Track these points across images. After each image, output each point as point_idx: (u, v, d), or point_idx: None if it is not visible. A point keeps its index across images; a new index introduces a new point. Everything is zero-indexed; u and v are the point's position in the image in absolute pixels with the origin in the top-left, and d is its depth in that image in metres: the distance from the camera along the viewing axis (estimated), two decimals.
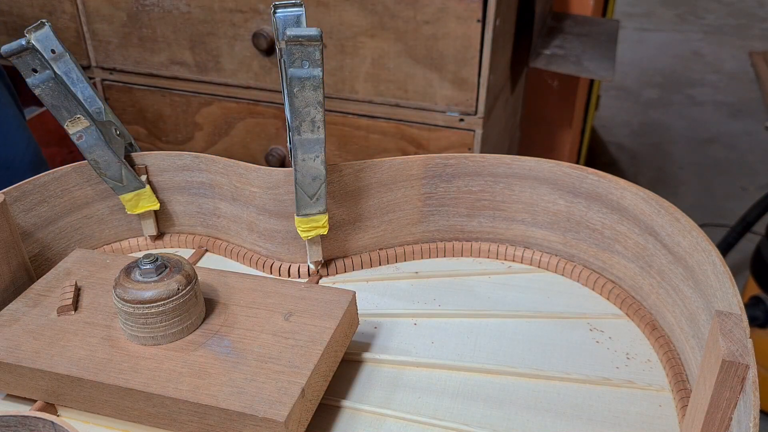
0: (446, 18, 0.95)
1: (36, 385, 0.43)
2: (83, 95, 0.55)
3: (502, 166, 0.56)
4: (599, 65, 1.12)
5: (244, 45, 1.07)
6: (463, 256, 0.59)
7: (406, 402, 0.45)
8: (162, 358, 0.43)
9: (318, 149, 0.49)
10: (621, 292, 0.53)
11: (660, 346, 0.48)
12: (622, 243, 0.53)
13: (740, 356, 0.33)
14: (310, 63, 0.46)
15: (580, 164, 0.62)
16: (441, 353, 0.49)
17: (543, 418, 0.44)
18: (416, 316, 0.53)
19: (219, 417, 0.39)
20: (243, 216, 0.58)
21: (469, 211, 0.58)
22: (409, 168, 0.56)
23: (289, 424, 0.39)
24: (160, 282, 0.43)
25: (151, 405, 0.41)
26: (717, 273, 0.42)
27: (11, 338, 0.45)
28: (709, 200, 2.31)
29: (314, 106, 0.47)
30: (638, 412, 0.44)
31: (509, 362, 0.48)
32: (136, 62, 1.16)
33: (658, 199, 0.49)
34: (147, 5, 1.09)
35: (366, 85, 1.04)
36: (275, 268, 0.57)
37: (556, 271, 0.57)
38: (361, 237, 0.58)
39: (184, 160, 0.58)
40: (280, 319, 0.45)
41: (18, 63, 0.49)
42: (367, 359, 0.49)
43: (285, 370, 0.41)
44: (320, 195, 0.52)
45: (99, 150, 0.54)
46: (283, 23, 0.48)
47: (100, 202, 0.59)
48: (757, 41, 3.54)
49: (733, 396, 0.33)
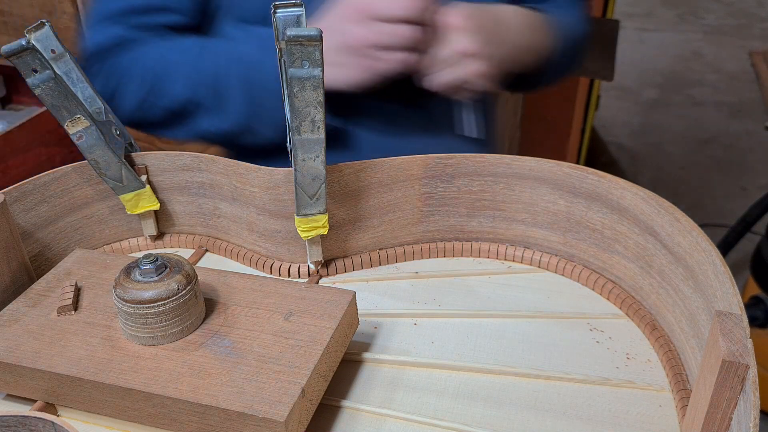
0: None
1: (36, 385, 0.43)
2: (83, 95, 0.55)
3: (502, 166, 0.56)
4: (599, 65, 1.12)
5: None
6: (463, 256, 0.59)
7: (406, 402, 0.45)
8: (162, 358, 0.43)
9: (318, 149, 0.49)
10: (621, 292, 0.53)
11: (660, 346, 0.48)
12: (622, 243, 0.53)
13: (740, 356, 0.33)
14: (310, 63, 0.46)
15: (580, 164, 0.62)
16: (441, 353, 0.49)
17: (543, 418, 0.44)
18: (416, 316, 0.53)
19: (219, 417, 0.39)
20: (243, 216, 0.58)
21: (469, 211, 0.58)
22: (409, 168, 0.56)
23: (289, 424, 0.39)
24: (160, 282, 0.43)
25: (151, 405, 0.41)
26: (717, 273, 0.42)
27: (11, 338, 0.45)
28: (709, 200, 2.31)
29: (314, 106, 0.47)
30: (638, 412, 0.44)
31: (509, 362, 0.48)
32: None
33: (658, 199, 0.49)
34: None
35: None
36: (275, 268, 0.57)
37: (556, 271, 0.57)
38: (361, 237, 0.58)
39: (184, 160, 0.58)
40: (280, 319, 0.45)
41: (18, 63, 0.49)
42: (367, 359, 0.49)
43: (285, 370, 0.41)
44: (320, 195, 0.52)
45: (99, 150, 0.54)
46: (283, 23, 0.48)
47: (100, 202, 0.59)
48: (757, 41, 3.54)
49: (733, 396, 0.33)
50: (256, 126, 0.68)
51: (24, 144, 1.16)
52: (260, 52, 0.66)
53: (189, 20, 0.71)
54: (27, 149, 1.17)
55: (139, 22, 0.69)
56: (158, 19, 0.70)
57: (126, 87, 0.69)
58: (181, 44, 0.69)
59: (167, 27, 0.70)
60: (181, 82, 0.67)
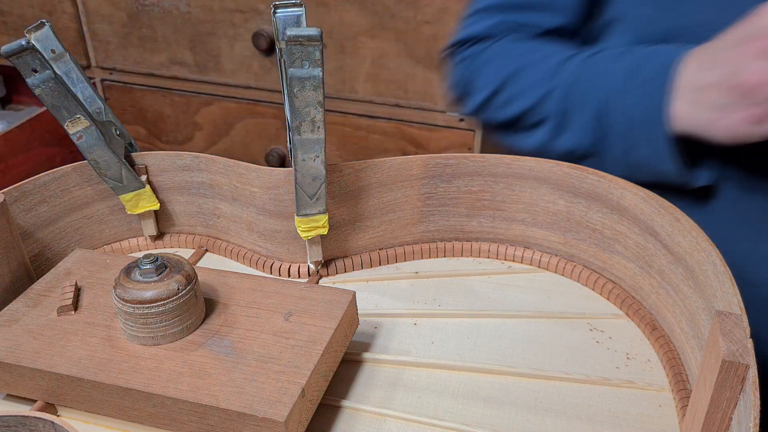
0: (446, 18, 0.95)
1: (36, 385, 0.43)
2: (83, 95, 0.55)
3: (502, 166, 0.56)
4: None
5: (244, 45, 1.07)
6: (463, 256, 0.59)
7: (406, 402, 0.45)
8: (162, 358, 0.43)
9: (318, 149, 0.49)
10: (621, 292, 0.53)
11: (660, 346, 0.48)
12: (622, 243, 0.53)
13: (740, 356, 0.33)
14: (310, 63, 0.46)
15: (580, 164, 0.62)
16: (441, 353, 0.49)
17: (543, 418, 0.44)
18: (416, 316, 0.53)
19: (219, 417, 0.39)
20: (243, 216, 0.58)
21: (469, 211, 0.58)
22: (409, 168, 0.56)
23: (289, 424, 0.39)
24: (160, 282, 0.43)
25: (151, 405, 0.41)
26: (717, 273, 0.42)
27: (11, 338, 0.45)
28: None
29: (314, 106, 0.47)
30: (638, 412, 0.44)
31: (509, 362, 0.48)
32: (136, 62, 1.16)
33: (658, 199, 0.49)
34: (147, 5, 1.09)
35: (366, 85, 1.04)
36: (275, 268, 0.57)
37: (556, 271, 0.57)
38: (361, 237, 0.58)
39: (184, 160, 0.58)
40: (280, 319, 0.45)
41: (18, 63, 0.49)
42: (367, 359, 0.49)
43: (285, 370, 0.41)
44: (320, 195, 0.52)
45: (99, 150, 0.54)
46: (283, 23, 0.48)
47: (100, 202, 0.59)
48: None
49: (733, 396, 0.33)
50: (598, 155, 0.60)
51: (24, 144, 1.16)
52: (626, 82, 0.56)
53: (569, 23, 0.66)
54: (27, 149, 1.17)
55: (514, 19, 0.66)
56: (535, 18, 0.66)
57: (477, 81, 0.66)
58: (545, 50, 0.64)
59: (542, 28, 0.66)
60: (529, 89, 0.62)
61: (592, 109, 0.58)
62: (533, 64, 0.63)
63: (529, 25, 0.66)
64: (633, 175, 0.53)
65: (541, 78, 0.62)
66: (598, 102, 0.58)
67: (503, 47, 0.65)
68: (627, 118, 0.56)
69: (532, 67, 0.63)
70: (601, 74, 0.59)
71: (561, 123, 0.61)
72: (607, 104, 0.57)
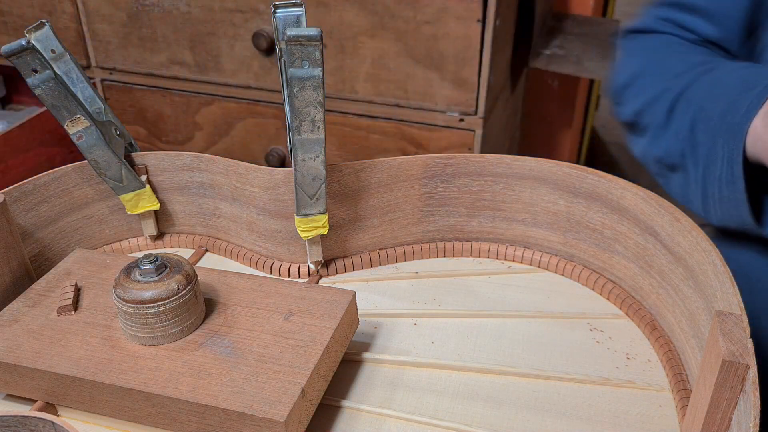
0: (446, 18, 0.95)
1: (36, 385, 0.43)
2: (83, 95, 0.55)
3: (502, 166, 0.56)
4: (599, 65, 1.12)
5: (244, 45, 1.07)
6: (463, 256, 0.59)
7: (406, 402, 0.45)
8: (162, 358, 0.43)
9: (318, 149, 0.49)
10: (621, 292, 0.53)
11: (660, 346, 0.48)
12: (622, 243, 0.53)
13: (740, 356, 0.33)
14: (310, 63, 0.46)
15: (580, 164, 0.62)
16: (441, 353, 0.49)
17: (543, 418, 0.44)
18: (416, 316, 0.53)
19: (219, 417, 0.39)
20: (243, 216, 0.58)
21: (469, 211, 0.58)
22: (409, 168, 0.56)
23: (289, 424, 0.39)
24: (160, 282, 0.43)
25: (151, 405, 0.41)
26: (717, 273, 0.42)
27: (11, 338, 0.45)
28: None
29: (314, 106, 0.47)
30: (638, 412, 0.44)
31: (509, 362, 0.48)
32: (136, 62, 1.16)
33: (658, 199, 0.49)
34: (147, 5, 1.09)
35: (366, 85, 1.04)
36: (275, 268, 0.57)
37: (556, 271, 0.57)
38: (361, 237, 0.58)
39: (184, 160, 0.58)
40: (280, 319, 0.45)
41: (18, 63, 0.49)
42: (367, 359, 0.49)
43: (285, 370, 0.41)
44: (320, 195, 0.52)
45: (99, 150, 0.54)
46: (283, 23, 0.48)
47: (100, 202, 0.59)
48: None
49: (733, 396, 0.33)
50: (683, 169, 0.59)
51: (24, 144, 1.16)
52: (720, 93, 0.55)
53: (726, 38, 0.63)
54: (27, 149, 1.17)
55: (678, 18, 0.65)
56: (695, 22, 0.64)
57: (618, 73, 0.66)
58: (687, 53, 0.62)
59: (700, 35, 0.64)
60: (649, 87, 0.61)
61: (689, 117, 0.57)
62: (666, 64, 0.62)
63: (688, 29, 0.65)
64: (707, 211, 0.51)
65: (656, 83, 0.61)
66: (695, 110, 0.56)
67: (652, 43, 0.65)
68: (710, 129, 0.55)
69: (664, 65, 0.62)
70: (709, 83, 0.57)
71: (663, 125, 0.60)
72: (701, 113, 0.56)
